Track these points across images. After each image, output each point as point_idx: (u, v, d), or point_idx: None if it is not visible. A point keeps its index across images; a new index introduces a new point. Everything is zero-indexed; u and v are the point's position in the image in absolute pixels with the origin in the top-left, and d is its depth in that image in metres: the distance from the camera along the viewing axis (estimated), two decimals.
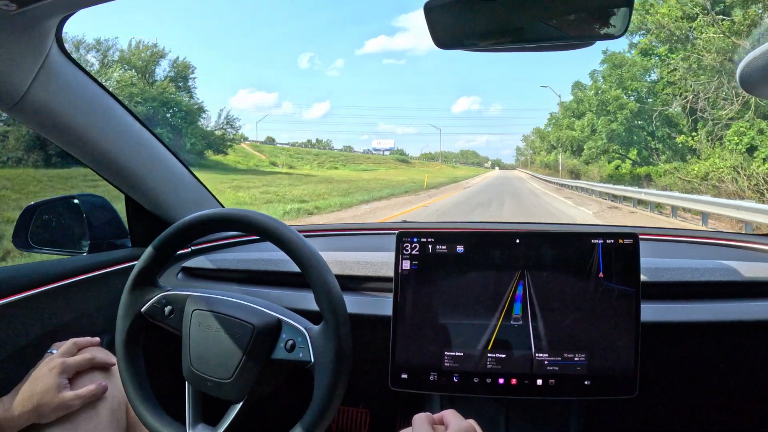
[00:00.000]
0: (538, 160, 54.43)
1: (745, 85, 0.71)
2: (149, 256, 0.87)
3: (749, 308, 0.95)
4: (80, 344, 0.89)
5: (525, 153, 71.50)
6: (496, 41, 0.82)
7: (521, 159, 74.86)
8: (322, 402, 0.76)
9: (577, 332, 0.88)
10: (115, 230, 1.22)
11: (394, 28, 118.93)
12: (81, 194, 1.20)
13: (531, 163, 62.75)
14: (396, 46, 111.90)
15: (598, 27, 0.76)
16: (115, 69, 26.83)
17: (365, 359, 0.94)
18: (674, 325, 0.95)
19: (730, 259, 1.03)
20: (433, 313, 0.90)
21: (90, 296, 1.07)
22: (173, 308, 0.86)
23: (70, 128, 0.94)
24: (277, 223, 0.82)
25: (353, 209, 13.65)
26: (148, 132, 1.10)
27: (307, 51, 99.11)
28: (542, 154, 50.16)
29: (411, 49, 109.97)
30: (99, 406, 0.86)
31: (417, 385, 0.90)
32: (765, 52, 0.63)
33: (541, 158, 47.73)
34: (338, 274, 0.99)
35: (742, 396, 1.14)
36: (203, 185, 1.29)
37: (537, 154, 58.17)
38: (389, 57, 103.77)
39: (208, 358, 0.81)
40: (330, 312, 0.77)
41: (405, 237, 0.91)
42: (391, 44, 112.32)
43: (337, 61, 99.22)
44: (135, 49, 28.61)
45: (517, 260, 0.89)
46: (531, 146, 65.38)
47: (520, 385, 0.88)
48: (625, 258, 0.88)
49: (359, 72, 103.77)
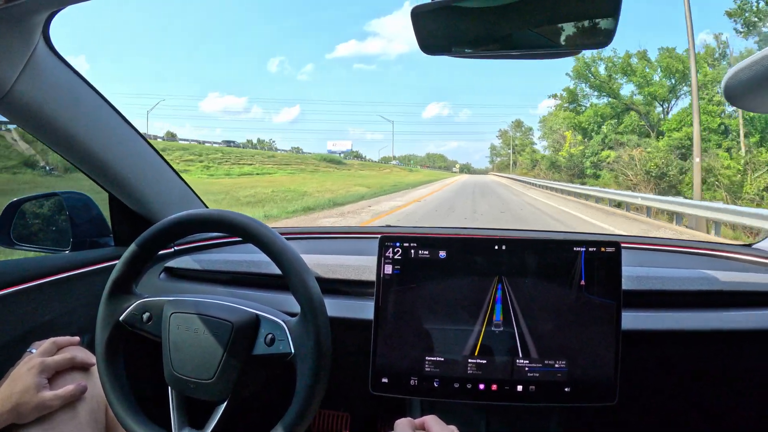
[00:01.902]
0: (522, 160, 49.15)
1: (730, 96, 0.74)
2: (128, 259, 0.88)
3: (728, 317, 0.98)
4: (60, 343, 0.89)
5: (502, 152, 64.37)
6: (483, 48, 0.83)
7: (497, 161, 67.73)
8: (305, 392, 0.77)
9: (558, 339, 0.89)
10: (98, 229, 1.23)
11: (366, 32, 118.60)
12: (64, 191, 1.21)
13: (513, 165, 56.46)
14: (367, 51, 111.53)
15: (585, 36, 0.78)
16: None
17: (346, 363, 0.95)
18: (655, 333, 0.98)
19: (710, 269, 1.05)
20: (414, 318, 0.92)
21: (71, 295, 1.07)
22: (151, 314, 0.87)
23: (55, 125, 0.95)
24: (258, 224, 0.84)
25: None
26: (134, 131, 1.11)
27: (277, 55, 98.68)
28: (527, 151, 46.84)
29: (382, 54, 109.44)
30: (78, 407, 0.86)
31: (397, 390, 0.92)
32: (749, 65, 0.65)
33: (530, 156, 43.24)
34: (320, 277, 1.01)
35: (721, 403, 1.16)
36: (188, 185, 1.30)
37: (519, 153, 53.39)
38: (360, 62, 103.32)
39: (189, 359, 0.82)
40: (307, 303, 0.79)
41: (387, 241, 0.93)
42: (363, 49, 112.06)
43: (307, 65, 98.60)
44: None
45: (499, 266, 0.91)
46: (508, 143, 59.58)
47: (501, 390, 0.90)
48: (607, 266, 0.90)
49: (329, 76, 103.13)
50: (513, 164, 57.71)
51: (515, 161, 56.96)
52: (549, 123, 37.72)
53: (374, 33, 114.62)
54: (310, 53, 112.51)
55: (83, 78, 0.99)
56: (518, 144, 57.69)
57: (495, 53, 0.82)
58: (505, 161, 62.17)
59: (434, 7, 0.78)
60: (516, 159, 56.65)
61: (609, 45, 0.78)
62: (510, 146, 59.80)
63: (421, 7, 0.78)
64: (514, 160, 57.46)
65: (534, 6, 0.78)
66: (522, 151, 53.33)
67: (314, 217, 13.13)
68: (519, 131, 60.02)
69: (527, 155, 47.27)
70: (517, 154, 56.36)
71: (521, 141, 57.67)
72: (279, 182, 27.62)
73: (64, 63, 0.94)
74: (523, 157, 49.12)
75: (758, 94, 0.69)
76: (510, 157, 59.50)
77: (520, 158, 52.08)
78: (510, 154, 59.54)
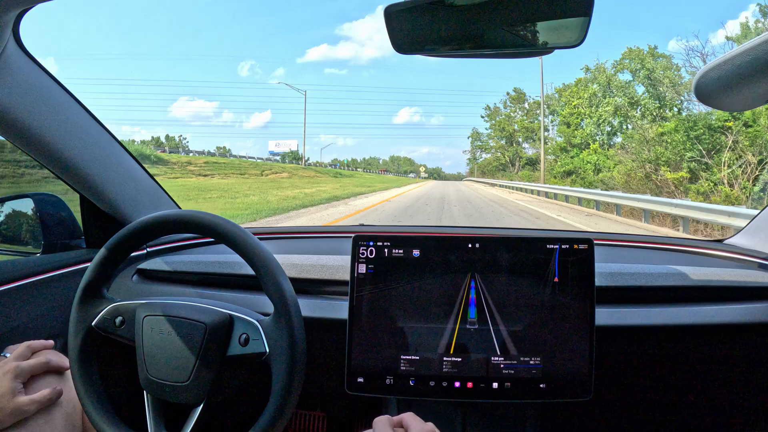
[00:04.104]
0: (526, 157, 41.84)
1: (700, 95, 0.77)
2: (99, 262, 0.88)
3: (701, 312, 1.01)
4: (34, 347, 0.90)
5: (491, 144, 49.09)
6: (456, 47, 0.84)
7: (483, 157, 52.62)
8: (280, 391, 0.79)
9: (533, 336, 0.92)
10: (70, 230, 1.23)
11: (337, 36, 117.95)
12: (35, 193, 1.21)
13: (511, 166, 44.52)
14: (338, 55, 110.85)
15: (557, 36, 0.80)
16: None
17: (321, 362, 0.97)
18: (629, 328, 1.00)
19: (682, 265, 1.08)
20: (389, 317, 0.93)
21: (44, 298, 1.08)
22: (124, 318, 0.88)
23: (24, 125, 0.95)
24: (230, 225, 0.85)
25: None
26: (105, 132, 1.11)
27: (247, 59, 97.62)
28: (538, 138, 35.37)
29: (354, 58, 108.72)
30: (54, 411, 0.87)
31: (373, 389, 0.93)
32: (719, 64, 0.68)
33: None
34: (294, 277, 1.02)
35: (695, 398, 1.20)
36: (160, 186, 1.30)
37: (520, 141, 43.47)
38: (331, 66, 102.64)
39: (163, 363, 0.83)
40: (280, 302, 0.81)
41: (361, 241, 0.94)
42: (334, 53, 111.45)
43: (278, 69, 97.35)
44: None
45: (472, 264, 0.93)
46: (502, 127, 45.53)
47: (476, 388, 0.92)
48: (580, 263, 0.92)
49: (301, 81, 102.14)
50: (511, 164, 45.76)
51: (516, 157, 45.01)
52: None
53: (346, 37, 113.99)
54: (281, 57, 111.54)
55: (54, 78, 0.99)
56: (522, 128, 44.36)
57: (468, 52, 0.84)
58: (496, 160, 48.31)
59: (407, 6, 0.79)
60: (517, 153, 44.92)
61: (581, 44, 0.80)
62: (504, 130, 45.80)
63: (394, 6, 0.78)
64: (513, 157, 45.25)
65: (507, 5, 0.79)
66: (530, 139, 42.88)
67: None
68: (518, 106, 45.81)
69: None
70: (515, 144, 45.30)
71: (522, 123, 44.53)
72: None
73: (35, 62, 0.94)
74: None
75: (728, 92, 0.73)
76: (504, 152, 46.35)
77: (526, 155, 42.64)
78: (504, 145, 46.28)
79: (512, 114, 46.45)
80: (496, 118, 47.53)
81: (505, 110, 46.91)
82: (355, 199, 21.40)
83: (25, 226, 1.24)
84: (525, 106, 45.47)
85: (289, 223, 12.05)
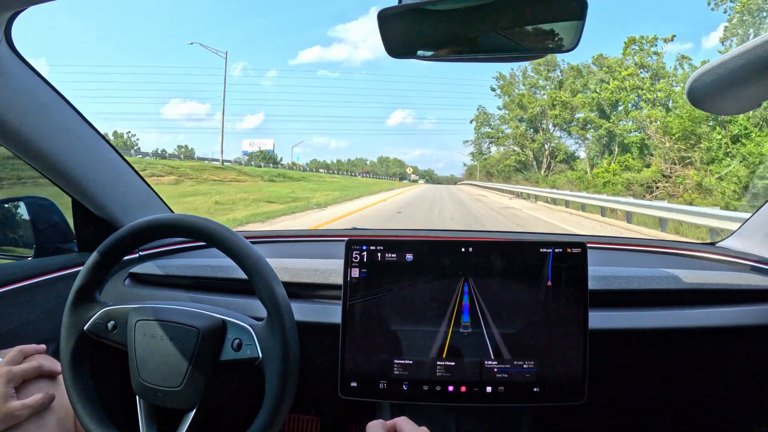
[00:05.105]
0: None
1: (692, 98, 0.78)
2: (91, 266, 0.88)
3: (693, 315, 1.03)
4: (26, 352, 0.89)
5: (499, 132, 33.69)
6: (450, 51, 0.84)
7: (490, 152, 36.87)
8: (274, 396, 0.79)
9: (526, 340, 0.93)
10: (62, 234, 1.23)
11: (330, 38, 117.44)
12: (27, 196, 1.20)
13: (535, 166, 30.54)
14: (332, 57, 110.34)
15: (551, 39, 0.80)
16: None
17: (315, 367, 0.97)
18: (622, 331, 1.01)
19: (675, 268, 1.10)
20: (382, 321, 0.94)
21: (35, 302, 1.07)
22: (116, 323, 0.88)
23: (15, 127, 0.95)
24: (223, 229, 0.85)
25: None
26: (97, 134, 1.11)
27: (239, 60, 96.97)
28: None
29: (347, 60, 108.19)
30: (46, 416, 0.86)
31: (366, 393, 0.94)
32: (712, 68, 0.69)
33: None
34: (286, 281, 1.02)
35: (688, 401, 1.21)
36: (152, 190, 1.30)
37: (543, 131, 29.03)
38: (324, 68, 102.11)
39: (156, 367, 0.84)
40: (273, 307, 0.81)
41: (354, 245, 0.95)
42: (327, 55, 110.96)
43: (270, 71, 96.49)
44: None
45: (465, 268, 0.94)
46: (518, 102, 31.13)
47: (470, 392, 0.93)
48: (573, 266, 0.93)
49: (294, 83, 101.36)
50: (536, 161, 30.92)
51: (545, 151, 30.46)
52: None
53: (339, 39, 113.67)
54: (274, 59, 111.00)
55: (46, 80, 0.99)
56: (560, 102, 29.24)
57: (461, 56, 0.84)
58: (513, 153, 32.88)
59: (401, 10, 0.79)
60: (548, 144, 30.23)
61: (575, 48, 0.81)
62: (524, 109, 30.97)
63: (388, 10, 0.78)
64: (539, 152, 30.77)
65: (501, 9, 0.79)
66: (569, 125, 28.57)
67: None
68: (541, 74, 31.15)
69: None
70: (543, 131, 30.09)
71: (551, 95, 30.19)
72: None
73: (27, 65, 0.94)
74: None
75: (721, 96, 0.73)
76: (524, 141, 30.97)
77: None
78: (526, 132, 30.90)
79: (537, 87, 31.60)
80: (514, 91, 32.89)
81: (526, 81, 31.86)
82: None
83: (16, 230, 1.24)
84: (557, 74, 31.40)
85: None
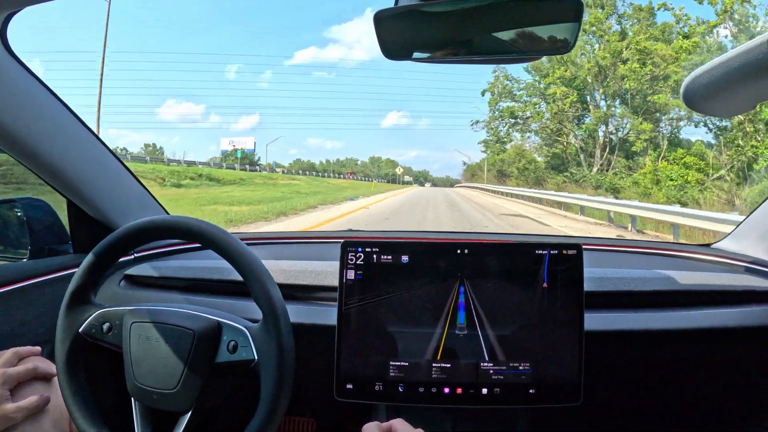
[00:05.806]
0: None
1: (688, 100, 0.78)
2: (86, 268, 0.89)
3: (689, 316, 1.03)
4: (21, 354, 0.89)
5: (531, 106, 26.38)
6: (446, 53, 0.85)
7: (500, 152, 29.96)
8: (269, 398, 0.79)
9: (522, 341, 0.93)
10: (57, 235, 1.22)
11: (326, 39, 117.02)
12: (22, 197, 1.20)
13: (586, 162, 23.27)
14: (327, 58, 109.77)
15: (547, 41, 0.81)
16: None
17: (310, 369, 0.97)
18: (618, 333, 1.02)
19: (671, 269, 1.10)
20: (378, 323, 0.94)
21: (30, 304, 1.07)
22: (111, 325, 0.88)
23: (11, 128, 0.95)
24: (218, 230, 0.85)
25: None
26: (93, 136, 1.11)
27: (235, 61, 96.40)
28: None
29: (342, 61, 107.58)
30: (42, 419, 0.86)
31: (362, 396, 0.94)
32: (708, 70, 0.70)
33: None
34: (282, 283, 1.02)
35: (684, 402, 1.22)
36: (148, 191, 1.30)
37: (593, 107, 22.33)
38: (320, 69, 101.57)
39: (151, 369, 0.84)
40: (269, 309, 0.81)
41: (349, 246, 0.95)
42: (322, 56, 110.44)
43: (266, 72, 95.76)
44: None
45: (461, 270, 0.94)
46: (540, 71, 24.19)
47: (466, 394, 0.93)
48: (569, 268, 0.94)
49: (289, 84, 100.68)
50: (584, 153, 24.26)
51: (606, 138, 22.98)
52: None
53: (334, 40, 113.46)
54: (270, 60, 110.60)
55: (41, 81, 0.99)
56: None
57: (457, 58, 0.84)
58: (547, 145, 26.05)
59: (397, 11, 0.79)
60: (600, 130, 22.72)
61: (571, 50, 0.81)
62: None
63: (384, 11, 0.79)
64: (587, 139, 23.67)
65: (496, 11, 0.80)
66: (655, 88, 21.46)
67: None
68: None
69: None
70: (594, 107, 23.47)
71: (612, 48, 22.85)
72: None
73: (23, 66, 0.94)
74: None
75: (717, 98, 0.74)
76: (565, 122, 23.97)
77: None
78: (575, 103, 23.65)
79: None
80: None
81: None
82: None
83: (11, 231, 1.23)
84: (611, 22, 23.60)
85: None
